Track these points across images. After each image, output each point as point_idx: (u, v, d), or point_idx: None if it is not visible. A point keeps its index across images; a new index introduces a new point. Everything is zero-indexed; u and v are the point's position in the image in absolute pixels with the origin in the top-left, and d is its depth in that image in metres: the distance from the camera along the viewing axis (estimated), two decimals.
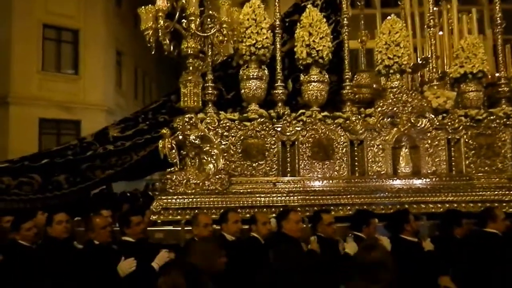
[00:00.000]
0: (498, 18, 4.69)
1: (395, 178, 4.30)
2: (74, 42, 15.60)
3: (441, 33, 5.54)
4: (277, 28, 4.50)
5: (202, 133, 4.08)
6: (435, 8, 5.04)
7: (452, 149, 4.41)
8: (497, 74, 4.88)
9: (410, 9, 5.70)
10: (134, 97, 19.09)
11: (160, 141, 3.93)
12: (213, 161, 4.09)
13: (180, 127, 4.01)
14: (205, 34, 3.92)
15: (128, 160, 4.36)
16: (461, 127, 4.39)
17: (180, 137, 4.02)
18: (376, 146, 4.35)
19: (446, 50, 5.42)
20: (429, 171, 4.36)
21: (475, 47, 4.57)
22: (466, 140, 4.41)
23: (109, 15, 16.50)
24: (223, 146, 4.16)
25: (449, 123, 4.39)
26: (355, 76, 5.14)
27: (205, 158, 4.11)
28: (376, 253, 1.90)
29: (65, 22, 15.34)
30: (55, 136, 14.75)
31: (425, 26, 4.85)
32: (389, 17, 4.66)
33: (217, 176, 4.06)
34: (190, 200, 3.91)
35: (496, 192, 4.17)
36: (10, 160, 4.52)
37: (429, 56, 4.89)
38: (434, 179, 4.31)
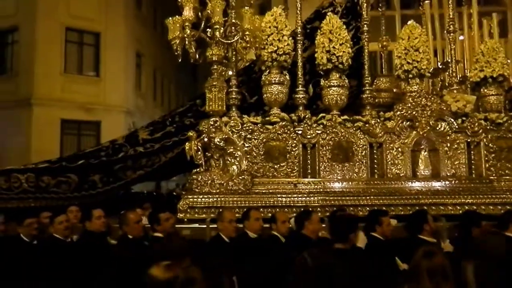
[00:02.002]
0: None
1: (414, 181, 4.38)
2: (95, 45, 15.99)
3: (462, 37, 5.59)
4: (299, 35, 4.63)
5: (226, 136, 4.25)
6: (456, 12, 5.08)
7: (472, 152, 4.47)
8: None
9: (430, 11, 5.76)
10: (153, 99, 19.44)
11: (187, 143, 4.11)
12: (237, 163, 4.25)
13: (206, 130, 4.18)
14: (229, 42, 4.08)
15: (157, 162, 4.57)
16: (480, 130, 4.44)
17: (206, 139, 4.19)
18: (395, 149, 4.44)
19: (466, 54, 5.47)
20: (448, 174, 4.43)
21: (495, 51, 4.62)
22: (486, 143, 4.46)
23: (129, 18, 16.85)
24: (246, 148, 4.32)
25: (469, 127, 4.45)
26: (375, 80, 5.24)
27: (229, 159, 4.27)
28: (438, 259, 1.92)
29: (87, 25, 15.73)
30: (76, 136, 15.18)
31: (445, 31, 4.91)
32: (408, 22, 4.75)
33: (240, 177, 4.22)
34: (215, 199, 4.08)
35: None
36: (49, 161, 4.79)
37: (449, 60, 4.94)
38: (453, 182, 4.38)
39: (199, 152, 4.14)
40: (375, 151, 4.43)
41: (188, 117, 4.87)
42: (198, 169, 4.19)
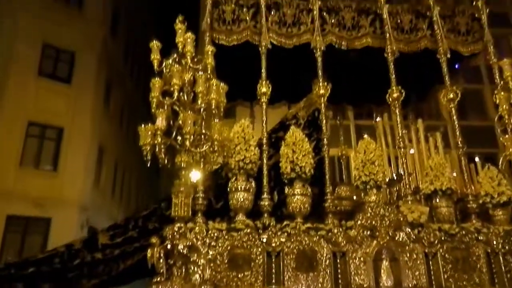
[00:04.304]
0: (459, 142, 5.28)
1: None
2: (57, 139, 15.86)
3: (412, 151, 6.11)
4: (264, 145, 4.91)
5: (190, 243, 4.17)
6: (404, 127, 5.63)
7: (430, 262, 4.60)
8: (465, 190, 5.31)
9: (382, 122, 6.34)
10: (112, 195, 18.92)
11: (149, 250, 3.98)
12: (200, 272, 4.11)
13: (170, 236, 4.11)
14: (199, 151, 4.25)
15: (115, 269, 4.33)
16: (436, 241, 4.64)
17: (169, 246, 4.09)
18: (358, 258, 4.51)
19: (417, 166, 5.94)
20: (410, 285, 4.48)
21: (441, 166, 5.06)
22: (443, 254, 4.63)
23: (96, 114, 17.09)
24: (210, 256, 4.24)
25: (425, 237, 4.65)
26: (336, 189, 5.49)
27: (192, 268, 4.14)
28: None
29: (52, 119, 15.76)
30: (20, 234, 14.17)
31: (396, 147, 5.37)
32: (365, 136, 5.19)
33: (203, 287, 4.06)
34: None
35: None
36: None
37: (402, 173, 5.33)
38: None
39: (161, 260, 4.01)
40: (338, 261, 4.47)
41: (152, 221, 4.79)
42: (158, 278, 4.01)
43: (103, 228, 4.89)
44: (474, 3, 5.96)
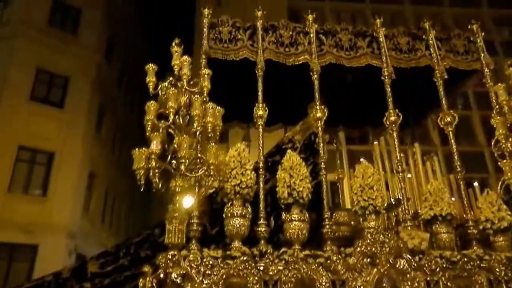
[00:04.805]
0: (458, 166, 5.22)
1: None
2: (47, 164, 15.62)
3: (409, 175, 6.04)
4: (261, 170, 4.80)
5: (184, 271, 4.00)
6: (401, 152, 5.56)
7: None
8: (464, 216, 5.22)
9: (379, 147, 6.29)
10: (102, 221, 18.53)
11: (141, 279, 3.81)
12: None
13: (163, 264, 3.93)
14: (194, 175, 4.14)
15: None
16: (438, 269, 4.50)
17: (162, 275, 3.92)
18: (358, 287, 4.34)
19: (416, 191, 5.85)
20: None
21: (440, 191, 4.97)
22: (445, 282, 4.49)
23: (87, 139, 16.94)
24: (204, 285, 4.06)
25: (426, 265, 4.51)
26: (334, 214, 5.37)
27: None
28: None
29: (42, 144, 15.57)
30: (5, 262, 13.71)
31: (394, 171, 5.30)
32: (362, 161, 5.12)
33: None
34: None
35: None
36: None
37: (400, 198, 5.23)
38: None
39: None
40: None
41: (144, 249, 4.60)
42: None
43: (93, 255, 4.69)
44: (469, 26, 6.04)
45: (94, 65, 17.49)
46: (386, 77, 5.51)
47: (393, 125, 5.26)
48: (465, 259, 4.63)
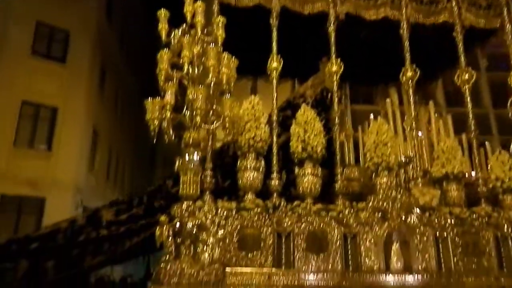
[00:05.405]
0: (472, 125, 5.18)
1: (388, 273, 4.32)
2: (51, 119, 15.58)
3: (420, 134, 6.01)
4: (274, 123, 4.76)
5: (199, 222, 4.05)
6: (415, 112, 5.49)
7: (440, 246, 4.53)
8: (473, 173, 5.24)
9: (392, 108, 6.23)
10: (106, 178, 18.71)
11: (158, 228, 3.85)
12: (209, 251, 4.01)
13: (178, 214, 3.98)
14: (210, 128, 4.10)
15: (121, 247, 4.20)
16: (447, 225, 4.57)
17: (177, 225, 3.97)
18: (368, 240, 4.42)
19: (426, 149, 5.84)
20: (419, 267, 4.42)
21: (454, 149, 4.96)
22: (453, 237, 4.57)
23: (90, 96, 16.80)
24: (219, 235, 4.12)
25: (436, 220, 4.57)
26: (344, 170, 5.38)
27: (201, 247, 4.02)
28: None
29: (45, 99, 15.45)
30: (15, 214, 13.97)
31: (408, 128, 5.26)
32: (371, 117, 5.09)
33: (212, 266, 3.95)
34: None
35: None
36: None
37: (412, 155, 5.23)
38: (425, 276, 4.36)
39: (170, 239, 3.89)
40: (349, 242, 4.39)
41: (158, 199, 4.64)
42: (166, 257, 3.89)
43: (105, 204, 4.74)
44: None
45: (95, 21, 17.03)
46: (405, 30, 5.33)
47: (410, 81, 5.16)
48: (474, 216, 4.69)
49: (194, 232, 4.01)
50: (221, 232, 4.14)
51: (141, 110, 4.15)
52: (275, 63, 4.96)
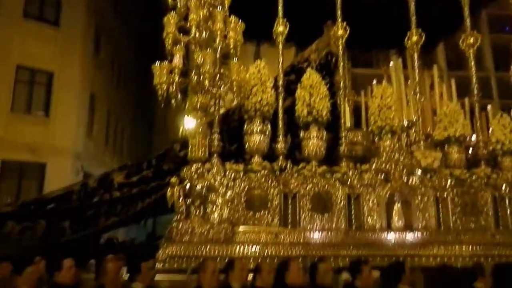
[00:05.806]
0: (475, 89, 5.24)
1: (390, 231, 4.51)
2: (47, 84, 15.40)
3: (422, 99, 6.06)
4: (280, 87, 4.80)
5: (208, 183, 4.18)
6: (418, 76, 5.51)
7: (440, 205, 4.70)
8: (473, 136, 5.34)
9: (396, 72, 6.26)
10: (105, 143, 18.71)
11: (169, 189, 3.98)
12: (218, 211, 4.16)
13: (188, 176, 4.09)
14: (218, 91, 4.13)
15: (133, 208, 4.34)
16: (447, 186, 4.72)
17: (187, 186, 4.09)
18: (371, 201, 4.58)
19: (428, 113, 5.93)
20: (420, 226, 4.61)
21: (456, 113, 5.04)
22: (453, 198, 4.73)
23: (86, 60, 16.50)
24: (227, 196, 4.26)
25: (437, 181, 4.72)
26: (347, 133, 5.46)
27: (210, 207, 4.18)
28: None
29: (40, 64, 15.20)
30: (16, 180, 14.07)
31: (412, 92, 5.31)
32: (374, 81, 5.12)
33: (221, 225, 4.12)
34: (195, 249, 3.92)
35: (481, 247, 4.46)
36: (11, 204, 4.36)
37: (414, 119, 5.31)
38: (424, 233, 4.55)
39: (181, 199, 4.03)
40: (352, 202, 4.54)
41: (166, 162, 4.74)
42: (177, 217, 4.04)
43: (114, 168, 4.83)
44: None
45: None
46: None
47: (415, 46, 5.16)
48: (474, 177, 4.84)
49: (203, 193, 4.15)
50: (229, 193, 4.27)
51: (139, 75, 4.14)
52: (281, 27, 4.94)
